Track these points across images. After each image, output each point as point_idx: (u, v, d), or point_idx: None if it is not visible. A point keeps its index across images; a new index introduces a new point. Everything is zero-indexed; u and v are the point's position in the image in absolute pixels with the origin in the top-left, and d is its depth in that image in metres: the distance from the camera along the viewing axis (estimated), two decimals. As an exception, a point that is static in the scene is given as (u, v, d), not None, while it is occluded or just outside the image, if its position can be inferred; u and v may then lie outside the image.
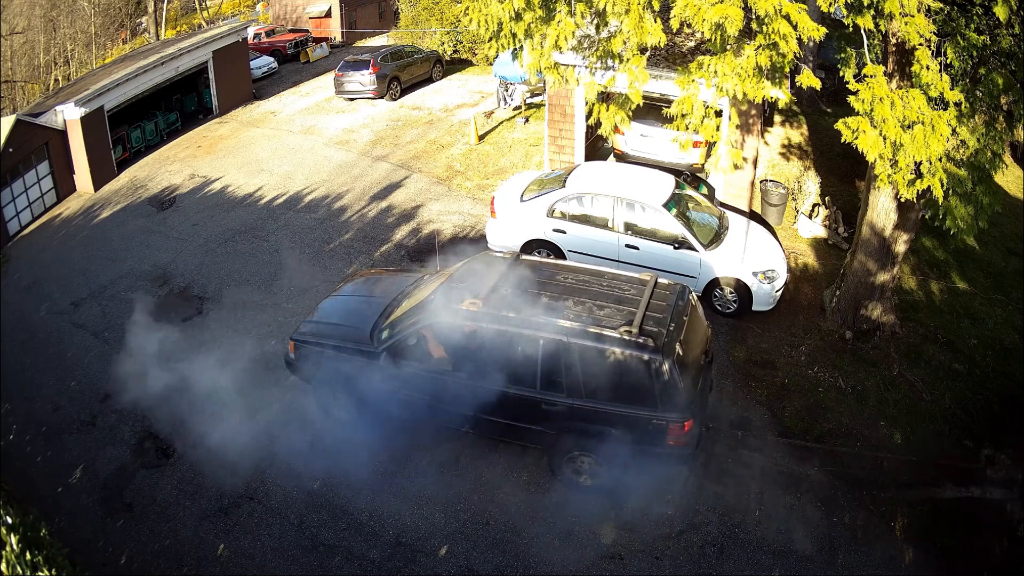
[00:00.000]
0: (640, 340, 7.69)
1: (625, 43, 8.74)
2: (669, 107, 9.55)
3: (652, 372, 7.65)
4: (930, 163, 7.96)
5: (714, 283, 11.32)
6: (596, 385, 7.88)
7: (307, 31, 33.52)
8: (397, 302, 9.39)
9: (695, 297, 8.91)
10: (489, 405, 8.26)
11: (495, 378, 8.17)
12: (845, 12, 8.23)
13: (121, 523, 8.24)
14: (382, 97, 22.24)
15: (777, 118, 17.97)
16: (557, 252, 12.05)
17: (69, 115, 17.29)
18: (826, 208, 13.79)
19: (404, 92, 23.08)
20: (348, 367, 8.83)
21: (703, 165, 14.76)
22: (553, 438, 8.24)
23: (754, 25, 7.92)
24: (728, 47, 8.16)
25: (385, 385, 8.70)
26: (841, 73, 9.59)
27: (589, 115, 10.45)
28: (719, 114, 10.70)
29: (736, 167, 12.14)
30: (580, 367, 7.89)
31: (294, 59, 30.25)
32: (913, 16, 7.56)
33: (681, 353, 7.85)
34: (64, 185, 17.66)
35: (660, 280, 8.75)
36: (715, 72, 8.33)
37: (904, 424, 9.57)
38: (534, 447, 8.49)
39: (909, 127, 7.88)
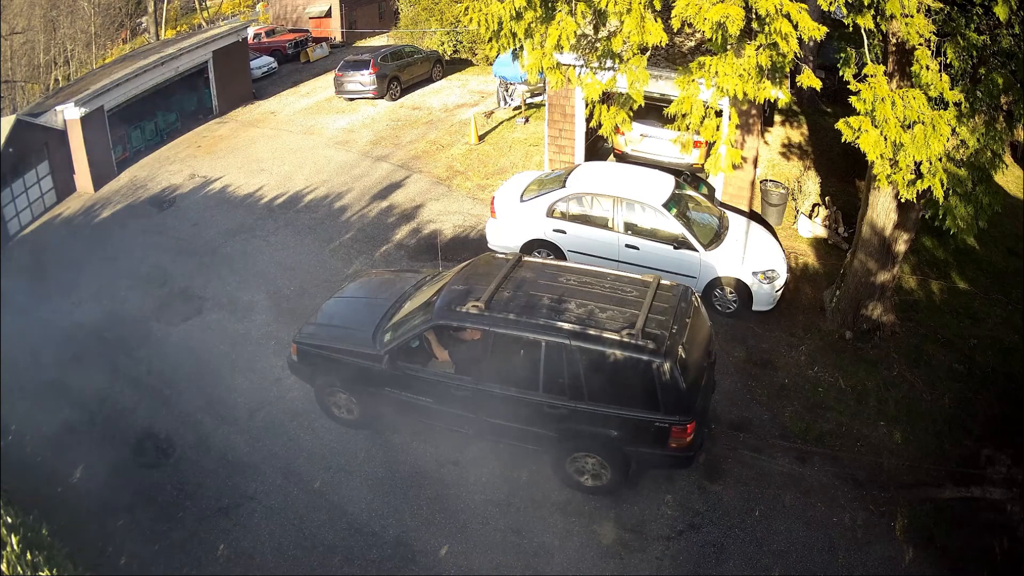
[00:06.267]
0: (642, 343, 7.68)
1: (625, 43, 8.74)
2: (669, 107, 9.55)
3: (654, 374, 7.64)
4: (930, 163, 7.97)
5: (714, 283, 11.32)
6: (599, 387, 7.88)
7: (307, 31, 33.49)
8: (399, 304, 9.38)
9: (698, 299, 8.91)
10: (491, 407, 8.26)
11: (497, 381, 8.17)
12: (845, 12, 8.24)
13: (121, 523, 8.23)
14: (382, 97, 22.23)
15: (777, 118, 17.96)
16: (557, 252, 12.04)
17: (69, 115, 17.27)
18: (826, 208, 13.78)
19: (404, 92, 23.06)
20: (350, 370, 8.83)
21: (703, 165, 14.75)
22: (556, 440, 8.23)
23: (755, 25, 7.92)
24: (729, 47, 8.16)
25: (387, 388, 8.71)
26: (841, 73, 9.58)
27: (589, 115, 10.45)
28: (719, 114, 10.69)
29: (736, 167, 12.13)
30: (583, 370, 7.89)
31: (294, 59, 30.23)
32: (913, 16, 7.57)
33: (683, 355, 7.84)
34: (64, 185, 17.63)
35: (663, 282, 8.73)
36: (716, 72, 8.33)
37: (904, 424, 9.57)
38: (536, 448, 8.48)
39: (909, 127, 7.88)
